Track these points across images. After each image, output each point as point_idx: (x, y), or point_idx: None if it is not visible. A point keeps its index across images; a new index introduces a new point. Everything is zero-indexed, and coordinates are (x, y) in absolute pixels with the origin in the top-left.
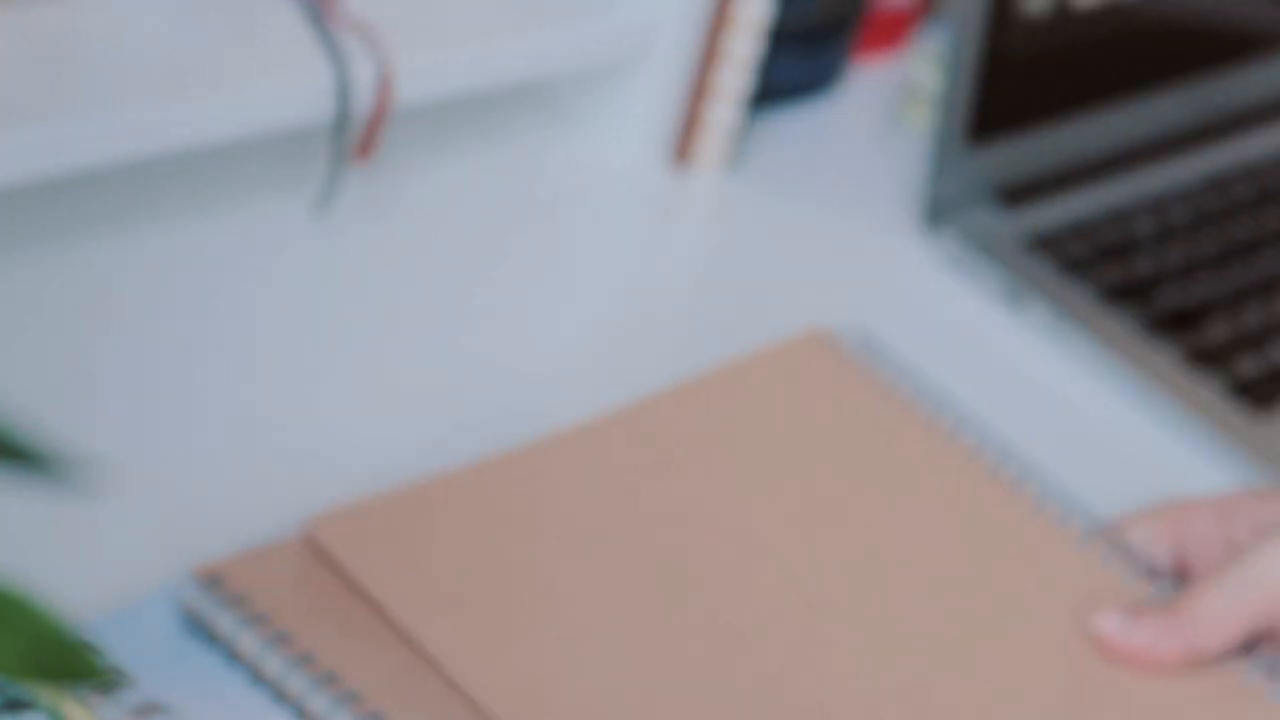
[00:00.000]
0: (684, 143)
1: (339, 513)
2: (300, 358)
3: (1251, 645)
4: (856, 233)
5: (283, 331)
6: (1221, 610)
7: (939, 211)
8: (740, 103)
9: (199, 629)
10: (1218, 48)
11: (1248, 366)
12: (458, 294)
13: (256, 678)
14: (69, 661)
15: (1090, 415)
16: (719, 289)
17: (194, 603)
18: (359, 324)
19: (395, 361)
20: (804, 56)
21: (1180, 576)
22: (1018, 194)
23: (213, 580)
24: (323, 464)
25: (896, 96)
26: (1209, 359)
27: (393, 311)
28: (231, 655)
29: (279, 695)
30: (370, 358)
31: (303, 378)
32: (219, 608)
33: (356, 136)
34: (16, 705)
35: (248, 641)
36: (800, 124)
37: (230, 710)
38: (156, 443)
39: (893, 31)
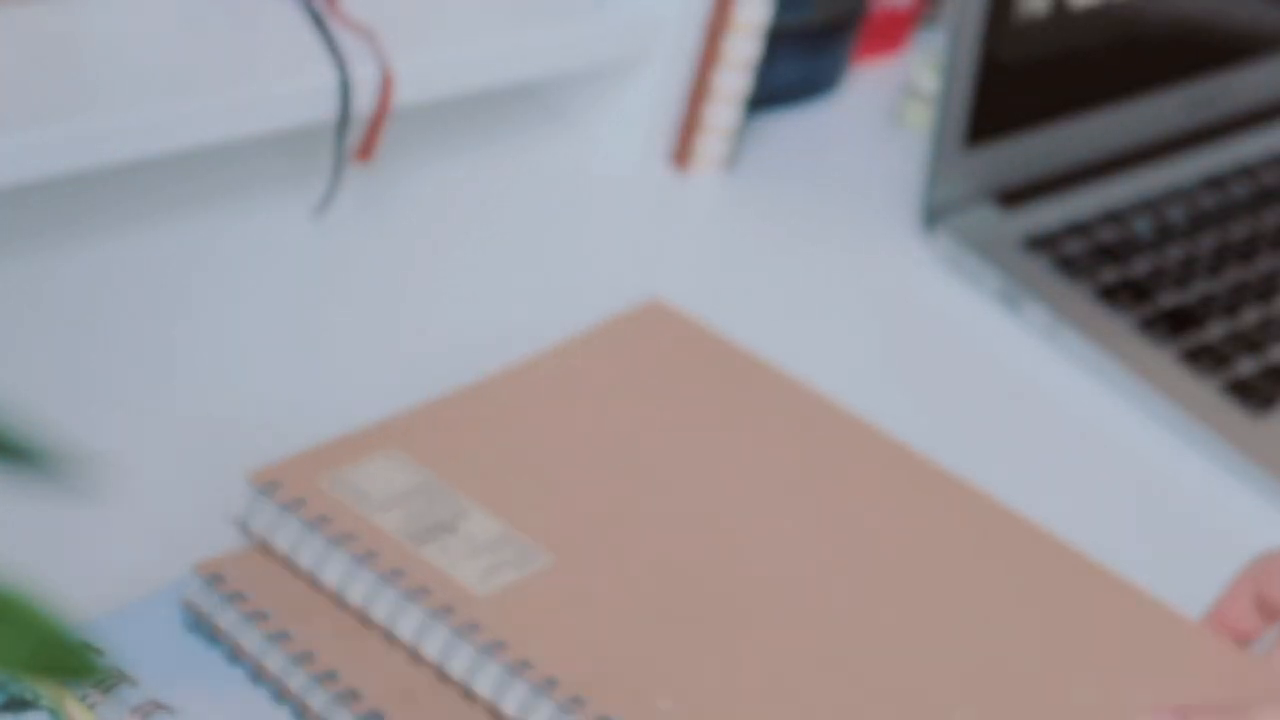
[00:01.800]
0: (683, 144)
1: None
2: (300, 356)
3: None
4: (855, 233)
5: (283, 330)
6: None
7: (937, 212)
8: (740, 104)
9: (201, 626)
10: (1214, 49)
11: (1245, 366)
12: (457, 293)
13: (257, 675)
14: (69, 660)
15: (1087, 415)
16: (718, 289)
17: (196, 599)
18: (359, 322)
19: (394, 359)
20: (803, 58)
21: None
22: (1015, 195)
23: (215, 577)
24: None
25: (896, 98)
26: (1206, 359)
27: (392, 310)
28: (233, 652)
29: (279, 693)
30: (370, 356)
31: (303, 375)
32: (221, 604)
33: (358, 136)
34: (18, 704)
35: (249, 639)
36: (799, 125)
37: (232, 707)
38: (157, 441)
39: (892, 33)
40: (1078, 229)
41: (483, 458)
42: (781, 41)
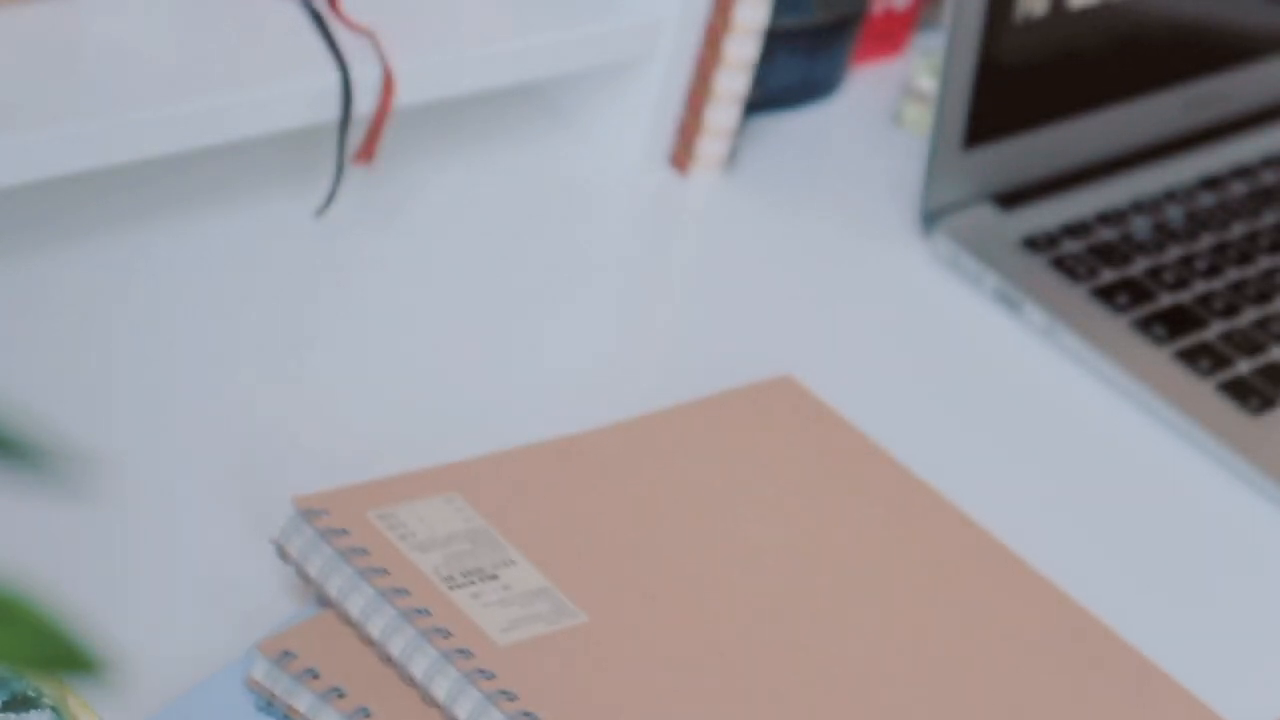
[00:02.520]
0: (683, 145)
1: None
2: (302, 357)
3: None
4: (854, 235)
5: (286, 331)
6: None
7: (935, 213)
8: (739, 105)
9: (273, 708)
10: (1213, 49)
11: (1243, 367)
12: (458, 294)
13: None
14: (69, 655)
15: (1085, 415)
16: (717, 290)
17: (265, 681)
18: (361, 323)
19: (396, 360)
20: (803, 59)
21: None
22: (1013, 195)
23: (283, 655)
24: (326, 461)
25: (895, 98)
26: (1204, 359)
27: (394, 311)
28: None
29: None
30: (371, 357)
31: (304, 377)
32: (293, 685)
33: (359, 137)
34: (21, 702)
35: (328, 718)
36: (798, 126)
37: None
38: (156, 441)
39: (892, 34)
40: (1076, 229)
41: (548, 513)
42: (781, 42)
